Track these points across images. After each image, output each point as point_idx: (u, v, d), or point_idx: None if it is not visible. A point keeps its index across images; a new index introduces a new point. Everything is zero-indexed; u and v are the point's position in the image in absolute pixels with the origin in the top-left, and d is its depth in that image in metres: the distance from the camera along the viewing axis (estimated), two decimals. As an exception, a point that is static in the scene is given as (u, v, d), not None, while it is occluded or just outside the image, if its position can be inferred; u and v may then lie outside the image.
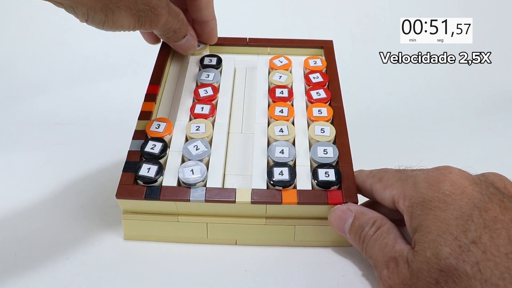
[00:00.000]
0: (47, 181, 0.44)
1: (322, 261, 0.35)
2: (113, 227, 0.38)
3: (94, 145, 0.51)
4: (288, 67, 0.44)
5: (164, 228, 0.36)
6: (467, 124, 0.59)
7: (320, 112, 0.40)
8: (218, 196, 0.34)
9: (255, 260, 0.35)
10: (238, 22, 0.69)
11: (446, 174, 0.29)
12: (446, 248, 0.26)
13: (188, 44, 0.43)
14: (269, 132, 0.38)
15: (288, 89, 0.42)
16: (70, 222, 0.39)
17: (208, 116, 0.39)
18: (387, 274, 0.29)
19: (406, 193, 0.30)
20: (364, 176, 0.35)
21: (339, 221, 0.33)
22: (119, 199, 0.34)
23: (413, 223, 0.29)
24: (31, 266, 0.34)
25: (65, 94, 0.62)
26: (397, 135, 0.56)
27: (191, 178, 0.34)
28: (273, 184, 0.34)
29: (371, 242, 0.31)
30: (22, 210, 0.40)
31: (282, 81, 0.43)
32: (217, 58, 0.45)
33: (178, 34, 0.41)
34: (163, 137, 0.37)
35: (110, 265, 0.34)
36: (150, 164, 0.35)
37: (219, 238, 0.36)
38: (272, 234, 0.36)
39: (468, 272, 0.25)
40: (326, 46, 0.47)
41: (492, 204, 0.27)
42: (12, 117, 0.58)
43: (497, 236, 0.25)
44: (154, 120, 0.39)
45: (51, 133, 0.54)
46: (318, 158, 0.36)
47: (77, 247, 0.36)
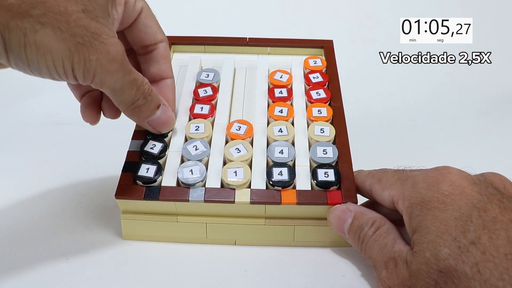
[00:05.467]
0: (47, 181, 0.44)
1: (321, 262, 0.35)
2: (112, 227, 0.38)
3: (94, 145, 0.51)
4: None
5: (164, 228, 0.36)
6: (467, 124, 0.59)
7: (320, 112, 0.40)
8: (217, 196, 0.34)
9: (254, 260, 0.35)
10: (238, 22, 0.69)
11: (445, 174, 0.29)
12: (445, 249, 0.26)
13: (165, 116, 0.35)
14: (268, 132, 0.38)
15: (288, 89, 0.42)
16: (70, 222, 0.39)
17: (208, 116, 0.39)
18: (386, 274, 0.29)
19: (405, 193, 0.30)
20: (363, 176, 0.35)
21: (338, 221, 0.33)
22: (118, 199, 0.34)
23: (412, 224, 0.29)
24: (31, 266, 0.34)
25: (65, 94, 0.62)
26: (397, 135, 0.56)
27: (190, 178, 0.34)
28: (273, 184, 0.34)
29: (370, 242, 0.31)
30: (22, 210, 0.40)
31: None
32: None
33: (149, 102, 0.33)
34: (244, 139, 0.37)
35: (109, 265, 0.34)
36: (149, 164, 0.35)
37: (219, 238, 0.36)
38: (271, 234, 0.36)
39: (467, 273, 0.25)
40: (326, 46, 0.47)
41: (491, 205, 0.27)
42: (12, 117, 0.58)
43: (496, 237, 0.25)
44: (234, 122, 0.39)
45: (51, 133, 0.54)
46: (317, 158, 0.36)
47: (76, 247, 0.36)
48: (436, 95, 0.64)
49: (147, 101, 0.33)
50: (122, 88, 0.31)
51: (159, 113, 0.34)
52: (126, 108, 0.33)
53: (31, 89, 0.62)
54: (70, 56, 0.27)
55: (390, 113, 0.61)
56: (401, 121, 0.59)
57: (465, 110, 0.62)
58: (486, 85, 0.65)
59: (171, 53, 0.46)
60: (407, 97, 0.63)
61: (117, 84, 0.30)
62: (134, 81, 0.31)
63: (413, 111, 0.61)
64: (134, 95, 0.32)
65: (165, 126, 0.36)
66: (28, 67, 0.27)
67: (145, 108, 0.33)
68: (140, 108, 0.33)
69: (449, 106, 0.62)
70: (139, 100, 0.32)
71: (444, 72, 0.65)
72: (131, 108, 0.33)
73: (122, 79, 0.30)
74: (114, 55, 0.28)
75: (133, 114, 0.33)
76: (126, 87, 0.31)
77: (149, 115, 0.34)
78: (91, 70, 0.28)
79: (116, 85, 0.30)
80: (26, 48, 0.25)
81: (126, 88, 0.31)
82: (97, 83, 0.29)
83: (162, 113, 0.35)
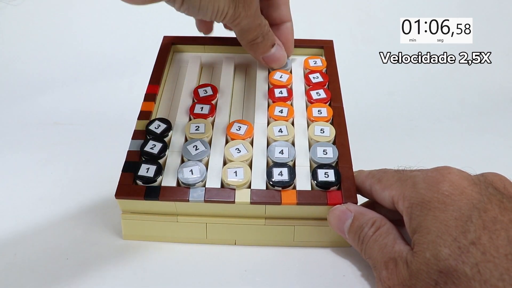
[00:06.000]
0: (47, 181, 0.44)
1: (321, 262, 0.35)
2: (112, 227, 0.38)
3: (94, 145, 0.51)
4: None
5: (164, 228, 0.36)
6: (467, 124, 0.59)
7: (320, 112, 0.40)
8: (217, 196, 0.34)
9: (254, 261, 0.35)
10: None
11: (445, 174, 0.29)
12: (445, 249, 0.26)
13: (278, 54, 0.41)
14: (268, 132, 0.38)
15: (288, 89, 0.42)
16: (70, 222, 0.39)
17: (208, 116, 0.39)
18: (386, 274, 0.29)
19: (406, 193, 0.30)
20: (363, 177, 0.35)
21: (338, 221, 0.33)
22: (118, 199, 0.34)
23: (412, 224, 0.29)
24: (31, 266, 0.34)
25: (65, 94, 0.62)
26: (397, 135, 0.56)
27: (191, 178, 0.34)
28: (273, 184, 0.34)
29: (370, 243, 0.31)
30: (22, 210, 0.40)
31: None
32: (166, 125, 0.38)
33: (266, 41, 0.39)
34: (244, 139, 0.37)
35: (109, 265, 0.34)
36: (149, 164, 0.35)
37: (219, 238, 0.36)
38: (271, 234, 0.36)
39: (468, 273, 0.25)
40: (326, 46, 0.47)
41: (491, 205, 0.27)
42: (12, 117, 0.58)
43: (496, 237, 0.25)
44: (234, 122, 0.39)
45: (51, 133, 0.54)
46: (317, 158, 0.36)
47: (76, 247, 0.36)
48: (436, 95, 0.64)
49: (264, 39, 0.39)
50: (249, 29, 0.38)
51: (273, 51, 0.40)
52: (246, 43, 0.39)
53: (31, 89, 0.62)
54: (229, 2, 0.33)
55: (390, 113, 0.61)
56: (401, 121, 0.59)
57: (465, 110, 0.62)
58: (486, 85, 0.65)
59: (171, 53, 0.46)
60: (407, 97, 0.63)
61: (246, 26, 0.37)
62: (259, 24, 0.38)
63: (413, 111, 0.61)
64: (255, 35, 0.38)
65: (277, 62, 0.42)
66: (197, 12, 0.32)
67: (262, 45, 0.39)
68: (258, 45, 0.39)
69: (449, 106, 0.62)
70: (258, 38, 0.39)
71: (444, 72, 0.65)
72: (251, 44, 0.39)
73: (252, 22, 0.37)
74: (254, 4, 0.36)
75: (252, 48, 0.40)
76: (252, 28, 0.38)
77: (264, 51, 0.40)
78: (237, 14, 0.35)
79: (246, 26, 0.37)
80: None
81: (252, 29, 0.38)
82: (235, 24, 0.36)
83: (276, 51, 0.41)
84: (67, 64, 0.66)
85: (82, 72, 0.65)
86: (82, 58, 0.66)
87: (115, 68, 0.65)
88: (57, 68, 0.65)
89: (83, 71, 0.65)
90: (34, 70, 0.65)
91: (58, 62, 0.66)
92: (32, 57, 0.66)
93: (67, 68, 0.65)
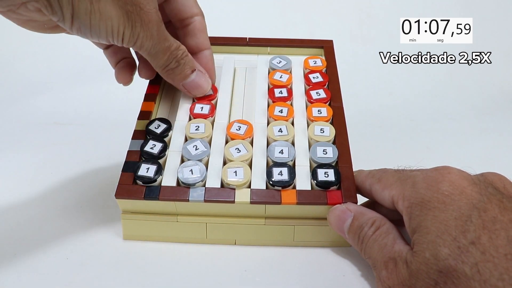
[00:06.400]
0: (47, 181, 0.44)
1: (321, 261, 0.35)
2: (112, 227, 0.38)
3: (94, 145, 0.51)
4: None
5: (163, 228, 0.36)
6: (467, 124, 0.59)
7: (320, 112, 0.40)
8: (217, 196, 0.34)
9: (254, 260, 0.35)
10: (238, 22, 0.69)
11: (445, 174, 0.29)
12: (445, 249, 0.26)
13: (199, 81, 0.39)
14: (268, 132, 0.38)
15: (288, 89, 0.42)
16: (70, 222, 0.39)
17: (208, 116, 0.39)
18: (386, 274, 0.29)
19: (405, 193, 0.30)
20: (363, 176, 0.35)
21: (338, 221, 0.33)
22: (118, 199, 0.34)
23: (412, 224, 0.29)
24: (31, 266, 0.34)
25: (65, 94, 0.62)
26: (397, 135, 0.56)
27: (190, 178, 0.34)
28: (273, 184, 0.34)
29: (370, 242, 0.31)
30: (22, 210, 0.40)
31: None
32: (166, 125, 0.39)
33: (183, 66, 0.37)
34: (244, 139, 0.37)
35: (109, 265, 0.34)
36: (149, 164, 0.35)
37: (219, 238, 0.36)
38: (271, 234, 0.36)
39: (467, 273, 0.25)
40: (326, 46, 0.47)
41: (491, 205, 0.27)
42: (12, 117, 0.58)
43: (496, 237, 0.25)
44: (234, 122, 0.39)
45: (51, 133, 0.54)
46: (317, 158, 0.36)
47: (76, 247, 0.36)
48: (436, 95, 0.64)
49: (180, 65, 0.37)
50: (157, 53, 0.35)
51: (193, 77, 0.38)
52: (160, 70, 0.37)
53: (31, 89, 0.62)
54: (123, 22, 0.31)
55: (390, 113, 0.61)
56: (401, 121, 0.59)
57: (465, 110, 0.62)
58: (486, 85, 0.65)
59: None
60: (407, 97, 0.63)
61: (153, 49, 0.35)
62: (168, 47, 0.35)
63: (413, 111, 0.61)
64: (167, 59, 0.36)
65: (199, 89, 0.39)
66: (90, 31, 0.30)
67: (178, 71, 0.37)
68: (174, 70, 0.37)
69: (449, 106, 0.62)
70: (171, 64, 0.36)
71: (444, 72, 0.65)
72: (165, 70, 0.37)
73: (158, 44, 0.34)
74: (153, 24, 0.33)
75: (168, 76, 0.38)
76: (160, 51, 0.35)
77: (183, 78, 0.38)
78: (135, 34, 0.33)
79: (152, 50, 0.35)
80: (92, 15, 0.29)
81: (160, 52, 0.35)
82: (137, 46, 0.34)
83: (196, 77, 0.38)
84: (67, 64, 0.66)
85: (82, 72, 0.65)
86: (82, 58, 0.66)
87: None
88: (57, 68, 0.65)
89: (83, 71, 0.65)
90: (34, 70, 0.65)
91: (58, 62, 0.66)
92: (32, 57, 0.66)
93: (67, 68, 0.65)
